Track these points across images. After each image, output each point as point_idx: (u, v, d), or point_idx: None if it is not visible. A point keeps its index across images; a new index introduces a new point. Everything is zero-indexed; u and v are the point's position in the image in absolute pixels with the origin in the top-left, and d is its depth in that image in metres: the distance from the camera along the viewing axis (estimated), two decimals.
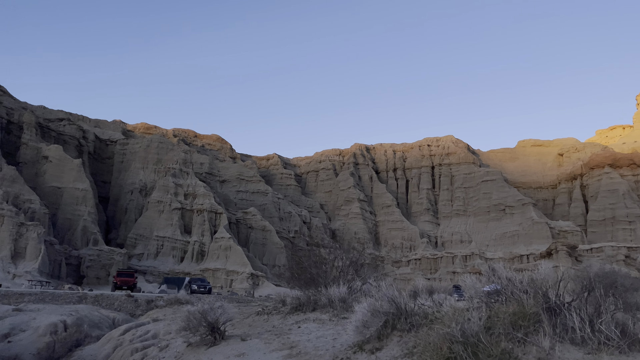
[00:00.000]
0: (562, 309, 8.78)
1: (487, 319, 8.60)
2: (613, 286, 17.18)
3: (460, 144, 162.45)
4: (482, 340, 8.05)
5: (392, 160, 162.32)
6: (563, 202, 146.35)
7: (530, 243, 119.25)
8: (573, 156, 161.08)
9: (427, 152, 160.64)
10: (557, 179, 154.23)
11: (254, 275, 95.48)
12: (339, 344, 14.45)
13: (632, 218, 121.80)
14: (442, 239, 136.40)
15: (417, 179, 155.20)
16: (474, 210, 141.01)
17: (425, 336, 9.43)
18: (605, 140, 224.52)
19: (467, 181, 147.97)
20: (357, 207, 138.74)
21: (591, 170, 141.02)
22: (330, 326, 17.87)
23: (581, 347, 8.04)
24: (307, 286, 24.56)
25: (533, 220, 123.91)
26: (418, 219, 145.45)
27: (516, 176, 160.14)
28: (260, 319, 22.48)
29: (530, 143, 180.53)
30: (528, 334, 8.17)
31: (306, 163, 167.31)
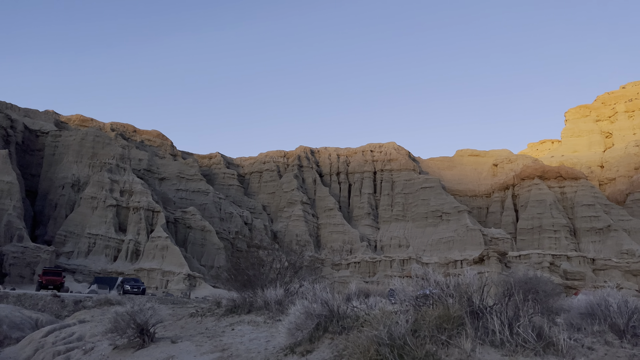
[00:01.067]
0: (484, 312, 9.15)
1: (414, 322, 8.82)
2: (535, 291, 18.15)
3: (402, 151, 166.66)
4: (408, 342, 8.24)
5: (335, 164, 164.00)
6: (496, 210, 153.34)
7: (465, 249, 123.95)
8: (506, 167, 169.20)
9: (370, 158, 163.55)
10: (491, 188, 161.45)
11: (191, 277, 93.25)
12: (272, 346, 14.38)
13: (557, 227, 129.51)
14: (381, 243, 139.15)
15: (360, 183, 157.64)
16: (412, 216, 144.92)
17: (355, 339, 9.53)
18: (536, 153, 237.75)
19: (407, 187, 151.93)
20: (299, 209, 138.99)
21: (522, 181, 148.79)
22: (264, 328, 17.77)
23: (500, 349, 8.40)
24: (244, 288, 24.34)
25: (467, 227, 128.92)
26: (359, 223, 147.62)
27: (453, 184, 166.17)
28: (193, 320, 22.02)
29: (468, 153, 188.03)
30: (452, 336, 8.44)
31: (250, 163, 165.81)
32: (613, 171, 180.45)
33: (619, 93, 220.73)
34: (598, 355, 8.26)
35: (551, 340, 8.30)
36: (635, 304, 11.10)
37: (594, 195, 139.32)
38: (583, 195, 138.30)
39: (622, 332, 9.55)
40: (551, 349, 8.27)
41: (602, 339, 9.07)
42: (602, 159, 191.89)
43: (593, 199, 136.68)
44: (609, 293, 10.75)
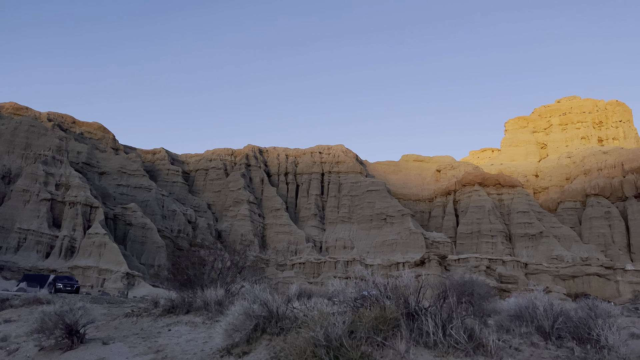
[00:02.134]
0: (420, 314, 9.33)
1: (351, 323, 8.86)
2: (470, 294, 18.79)
3: (350, 153, 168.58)
4: (345, 344, 8.26)
5: (284, 165, 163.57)
6: (438, 214, 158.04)
7: (407, 251, 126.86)
8: (449, 173, 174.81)
9: (319, 159, 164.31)
10: (434, 193, 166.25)
11: (129, 275, 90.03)
12: (209, 347, 14.10)
13: (494, 233, 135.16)
14: (326, 244, 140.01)
15: (307, 184, 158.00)
16: (358, 218, 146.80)
17: (292, 340, 9.46)
18: (477, 160, 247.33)
19: (353, 190, 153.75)
20: (246, 208, 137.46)
21: (463, 187, 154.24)
22: (202, 329, 17.45)
23: (433, 350, 8.58)
24: (183, 288, 23.83)
25: (410, 230, 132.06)
26: (305, 224, 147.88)
27: (398, 188, 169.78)
28: (128, 321, 21.27)
29: (413, 158, 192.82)
30: (387, 337, 8.54)
31: (196, 160, 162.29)
32: (546, 180, 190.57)
33: (554, 107, 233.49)
34: (524, 356, 8.61)
35: (481, 342, 8.56)
36: (561, 308, 11.67)
37: (528, 202, 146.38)
38: (519, 203, 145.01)
39: (548, 334, 10.02)
40: (481, 349, 8.53)
41: (529, 340, 9.47)
42: (537, 168, 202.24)
43: (528, 207, 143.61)
44: (536, 296, 11.24)
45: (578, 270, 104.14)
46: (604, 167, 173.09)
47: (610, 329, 9.31)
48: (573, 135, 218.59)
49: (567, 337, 10.43)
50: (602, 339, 9.13)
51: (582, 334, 9.79)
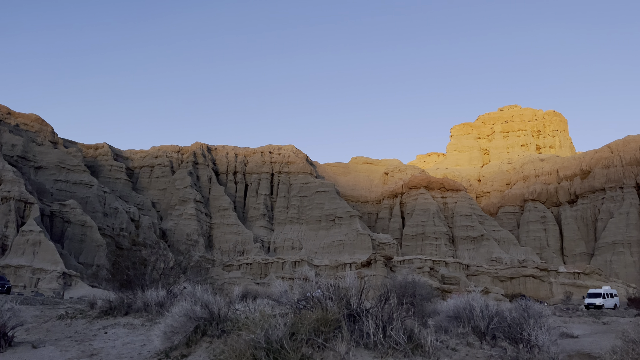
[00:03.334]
0: (361, 315, 9.41)
1: (293, 325, 8.81)
2: (412, 295, 19.19)
3: (300, 154, 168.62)
4: (285, 346, 8.20)
5: (233, 163, 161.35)
6: (385, 216, 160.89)
7: (354, 252, 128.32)
8: (396, 176, 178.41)
9: (269, 159, 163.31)
10: (382, 196, 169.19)
11: (66, 275, 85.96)
12: (147, 350, 13.69)
13: (438, 235, 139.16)
14: (274, 245, 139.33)
15: (257, 184, 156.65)
16: (307, 219, 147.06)
17: (233, 342, 9.30)
18: (423, 164, 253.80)
19: (303, 190, 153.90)
20: (192, 207, 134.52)
21: (410, 190, 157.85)
22: (141, 332, 16.96)
23: (373, 351, 8.68)
24: (123, 288, 23.02)
25: (358, 231, 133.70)
26: (254, 224, 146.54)
27: (347, 189, 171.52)
28: (61, 323, 20.33)
29: (362, 160, 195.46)
30: (328, 339, 8.55)
31: (141, 157, 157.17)
32: (488, 185, 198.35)
33: (497, 115, 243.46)
34: (460, 355, 8.86)
35: (420, 342, 8.75)
36: (496, 309, 12.11)
37: (471, 206, 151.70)
38: (462, 206, 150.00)
39: (483, 334, 10.36)
40: (419, 350, 8.70)
41: (465, 340, 9.76)
42: (480, 173, 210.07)
43: (470, 210, 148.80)
44: (473, 298, 11.60)
45: (515, 272, 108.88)
46: (541, 174, 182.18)
47: (540, 329, 9.73)
48: (514, 143, 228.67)
49: (501, 337, 10.83)
50: (532, 339, 9.53)
51: (514, 334, 10.20)
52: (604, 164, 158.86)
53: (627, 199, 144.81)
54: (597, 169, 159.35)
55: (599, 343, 15.94)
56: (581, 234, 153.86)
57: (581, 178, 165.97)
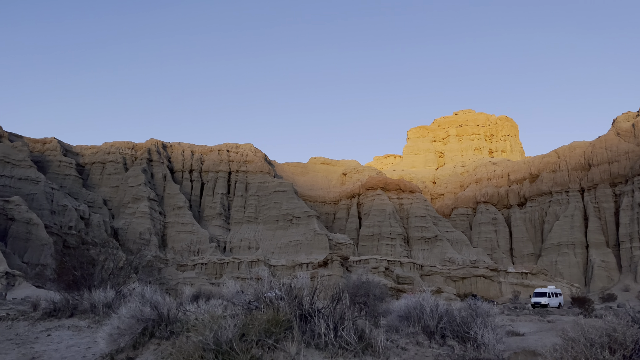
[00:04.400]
0: (313, 316, 9.37)
1: (243, 326, 8.67)
2: (366, 295, 19.36)
3: (259, 153, 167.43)
4: (235, 347, 8.05)
5: (189, 161, 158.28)
6: (342, 217, 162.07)
7: (311, 252, 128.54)
8: (354, 177, 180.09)
9: (226, 158, 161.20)
10: (340, 196, 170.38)
11: (9, 275, 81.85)
12: (92, 353, 13.25)
13: (394, 235, 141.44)
14: (231, 245, 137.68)
15: (213, 182, 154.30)
16: (264, 219, 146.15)
17: (182, 344, 9.07)
18: (380, 166, 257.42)
19: (261, 190, 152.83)
20: (145, 206, 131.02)
21: (367, 191, 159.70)
22: (87, 334, 16.45)
23: (324, 351, 8.65)
24: (70, 289, 22.24)
25: (315, 231, 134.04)
26: (209, 223, 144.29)
27: (305, 190, 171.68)
28: (2, 325, 19.46)
29: (320, 161, 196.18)
30: (279, 340, 8.46)
31: (92, 153, 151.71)
32: (442, 187, 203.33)
33: (452, 118, 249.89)
34: (409, 355, 8.97)
35: (370, 342, 8.79)
36: (446, 308, 12.35)
37: (426, 208, 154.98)
38: (417, 208, 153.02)
39: (432, 333, 10.55)
40: (369, 350, 8.74)
41: (415, 339, 9.90)
42: (434, 175, 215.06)
43: (425, 211, 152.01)
44: (424, 297, 11.80)
45: (467, 272, 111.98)
46: (493, 177, 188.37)
47: (486, 328, 9.99)
48: (467, 146, 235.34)
49: (450, 336, 11.06)
50: (478, 338, 9.77)
51: (462, 332, 10.44)
52: (551, 169, 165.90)
53: (572, 202, 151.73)
54: (545, 173, 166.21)
55: (544, 340, 16.52)
56: (529, 236, 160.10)
57: (530, 182, 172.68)
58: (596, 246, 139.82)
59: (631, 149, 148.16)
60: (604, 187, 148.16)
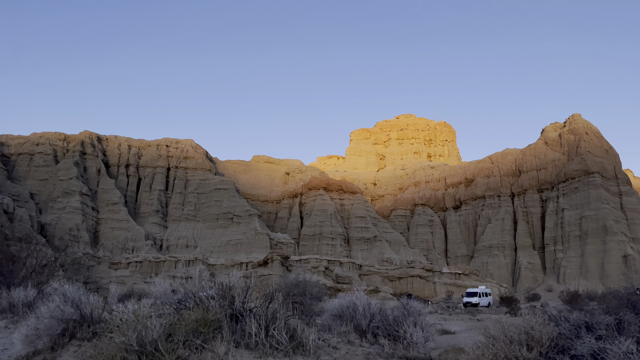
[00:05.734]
0: (244, 315, 9.18)
1: (170, 326, 8.35)
2: (302, 294, 19.31)
3: (200, 149, 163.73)
4: (160, 348, 7.73)
5: (125, 156, 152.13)
6: (284, 216, 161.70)
7: (251, 252, 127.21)
8: (297, 176, 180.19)
9: (165, 153, 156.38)
10: (282, 195, 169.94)
11: None
12: (7, 356, 12.39)
13: (335, 235, 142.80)
14: (168, 243, 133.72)
15: (151, 178, 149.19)
16: (203, 217, 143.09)
17: (104, 346, 8.62)
18: (323, 166, 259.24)
19: (201, 187, 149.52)
20: (77, 200, 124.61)
21: (309, 191, 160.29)
22: (4, 335, 15.47)
23: (254, 351, 8.49)
24: None
25: (256, 230, 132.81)
26: (146, 220, 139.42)
27: (247, 188, 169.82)
28: None
29: (263, 159, 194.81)
30: (207, 340, 8.22)
31: (19, 143, 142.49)
32: (383, 189, 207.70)
33: (394, 122, 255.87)
34: (340, 354, 8.99)
35: (301, 341, 8.72)
36: (380, 307, 12.51)
37: (366, 208, 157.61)
38: (358, 208, 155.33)
39: (364, 332, 10.65)
40: (300, 349, 8.67)
41: (346, 338, 9.94)
42: (375, 177, 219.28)
43: (365, 212, 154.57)
44: (357, 297, 11.89)
45: (404, 272, 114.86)
46: (431, 180, 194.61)
47: (415, 327, 10.20)
48: (408, 150, 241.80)
49: (381, 335, 11.20)
50: (408, 336, 9.96)
51: (393, 331, 10.60)
52: (485, 174, 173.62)
53: (503, 207, 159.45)
54: (479, 178, 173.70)
55: (473, 338, 17.13)
56: (463, 238, 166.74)
57: (465, 186, 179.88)
58: (524, 248, 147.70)
59: (557, 158, 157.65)
60: (532, 193, 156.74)
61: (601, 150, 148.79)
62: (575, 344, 6.59)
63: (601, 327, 6.78)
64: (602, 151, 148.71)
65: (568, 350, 6.72)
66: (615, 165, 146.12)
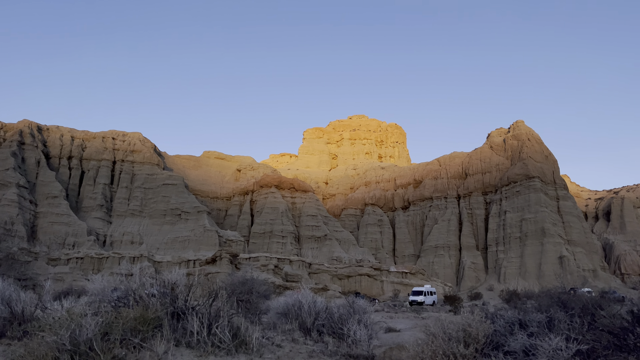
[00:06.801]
0: (186, 313, 8.96)
1: (107, 324, 8.02)
2: (249, 292, 19.11)
3: (148, 143, 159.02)
4: (95, 348, 7.41)
5: (68, 147, 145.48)
6: (234, 213, 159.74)
7: (199, 249, 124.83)
8: (249, 173, 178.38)
9: (111, 146, 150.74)
10: (233, 192, 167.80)
11: None
12: None
13: (285, 234, 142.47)
14: (112, 239, 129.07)
15: (95, 171, 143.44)
16: (150, 212, 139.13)
17: (34, 345, 8.17)
18: (276, 164, 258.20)
19: (148, 182, 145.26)
20: (14, 193, 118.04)
21: (261, 188, 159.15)
22: None
23: (196, 350, 8.29)
24: None
25: (205, 227, 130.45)
26: (88, 215, 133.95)
27: (197, 184, 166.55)
28: None
29: (214, 155, 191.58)
30: (146, 339, 7.96)
31: None
32: (334, 188, 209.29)
33: (346, 122, 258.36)
34: (284, 351, 8.93)
35: (244, 339, 8.61)
36: (325, 305, 12.55)
37: (317, 207, 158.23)
38: (309, 207, 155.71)
39: (309, 330, 10.64)
40: (243, 347, 8.55)
41: (291, 336, 9.90)
42: (327, 176, 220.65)
43: (316, 211, 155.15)
44: (303, 295, 11.88)
45: (352, 270, 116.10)
46: (381, 181, 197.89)
47: (359, 325, 10.30)
48: (359, 150, 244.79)
49: (326, 333, 11.24)
50: (352, 334, 10.03)
51: (338, 329, 10.66)
52: (433, 176, 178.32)
53: (450, 208, 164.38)
54: (427, 179, 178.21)
55: (417, 335, 17.47)
56: (411, 237, 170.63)
57: (414, 187, 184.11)
58: (468, 249, 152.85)
59: (501, 162, 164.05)
60: (477, 195, 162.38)
61: (541, 156, 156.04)
62: (508, 340, 6.86)
63: (533, 325, 7.09)
64: (542, 157, 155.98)
65: (502, 347, 6.98)
66: (554, 171, 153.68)
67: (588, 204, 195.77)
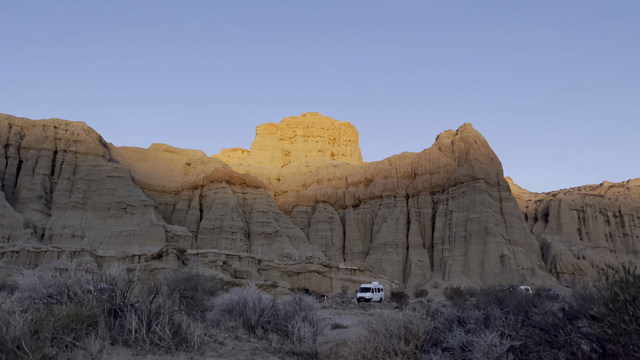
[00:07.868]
0: (125, 310, 8.64)
1: (37, 322, 7.61)
2: (194, 289, 18.71)
3: (92, 133, 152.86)
4: (23, 346, 7.01)
5: (5, 135, 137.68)
6: (182, 208, 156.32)
7: (145, 244, 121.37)
8: (199, 168, 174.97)
9: (53, 135, 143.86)
10: (182, 187, 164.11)
11: None
12: None
13: (235, 230, 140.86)
14: (51, 232, 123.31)
15: (34, 161, 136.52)
16: (93, 205, 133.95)
17: None
18: (227, 159, 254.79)
19: (92, 174, 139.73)
20: None
21: (211, 183, 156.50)
22: None
23: (133, 348, 8.01)
24: None
25: (151, 222, 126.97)
26: (26, 207, 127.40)
27: (144, 177, 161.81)
28: None
29: (163, 148, 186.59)
30: (80, 337, 7.61)
31: None
32: (286, 185, 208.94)
33: (300, 119, 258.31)
34: (227, 349, 8.78)
35: (185, 337, 8.39)
36: (270, 302, 12.45)
37: (268, 203, 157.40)
38: (260, 203, 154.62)
39: (253, 327, 10.52)
40: (184, 345, 8.34)
41: (234, 334, 9.75)
42: (280, 173, 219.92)
43: (268, 207, 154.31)
44: (247, 292, 11.74)
45: (302, 267, 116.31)
46: (333, 179, 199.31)
47: (304, 322, 10.28)
48: (312, 147, 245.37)
49: (271, 330, 11.15)
50: (296, 331, 10.00)
51: (282, 326, 10.61)
52: (384, 175, 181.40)
53: (399, 207, 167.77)
54: (378, 178, 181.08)
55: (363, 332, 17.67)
56: (360, 235, 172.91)
57: (365, 185, 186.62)
58: (415, 247, 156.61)
59: (449, 163, 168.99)
60: (425, 195, 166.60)
61: (487, 158, 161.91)
62: (447, 337, 7.04)
63: (471, 322, 7.32)
64: (488, 159, 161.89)
65: (441, 343, 7.16)
66: (498, 173, 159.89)
67: (528, 206, 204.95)
